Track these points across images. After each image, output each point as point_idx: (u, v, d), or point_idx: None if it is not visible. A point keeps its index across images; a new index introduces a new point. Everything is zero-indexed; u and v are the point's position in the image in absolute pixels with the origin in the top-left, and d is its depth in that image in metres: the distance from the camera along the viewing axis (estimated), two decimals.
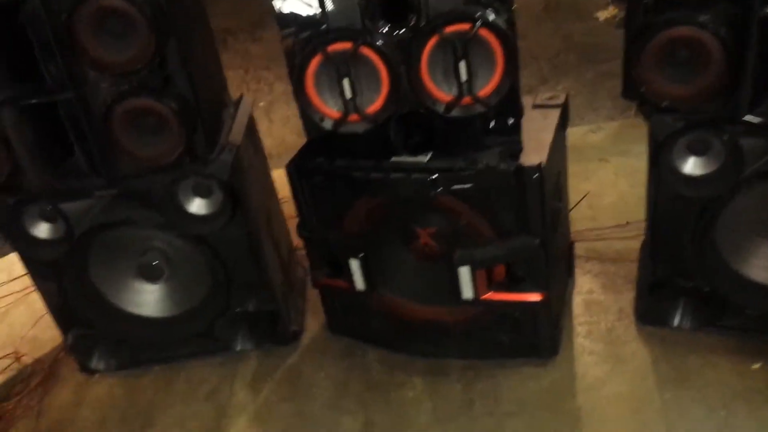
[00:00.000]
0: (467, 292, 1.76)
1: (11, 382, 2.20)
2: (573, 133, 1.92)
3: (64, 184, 1.77)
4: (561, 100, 1.82)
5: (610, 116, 3.16)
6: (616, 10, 3.93)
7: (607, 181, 2.59)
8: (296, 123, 3.58)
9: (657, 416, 1.68)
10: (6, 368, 2.25)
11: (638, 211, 2.23)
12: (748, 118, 1.45)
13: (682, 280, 1.79)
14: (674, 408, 1.69)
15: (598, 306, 2.03)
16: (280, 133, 3.61)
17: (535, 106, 1.80)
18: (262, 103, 4.00)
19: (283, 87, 4.16)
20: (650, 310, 1.90)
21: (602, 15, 4.03)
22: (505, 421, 1.74)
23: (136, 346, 2.12)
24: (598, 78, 3.56)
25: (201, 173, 1.75)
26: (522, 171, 1.57)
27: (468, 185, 1.60)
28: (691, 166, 1.58)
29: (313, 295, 2.22)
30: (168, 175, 1.75)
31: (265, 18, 5.15)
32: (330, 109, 1.64)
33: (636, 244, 2.05)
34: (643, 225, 1.83)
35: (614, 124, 3.04)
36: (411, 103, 1.61)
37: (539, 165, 1.56)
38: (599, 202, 2.47)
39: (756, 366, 1.75)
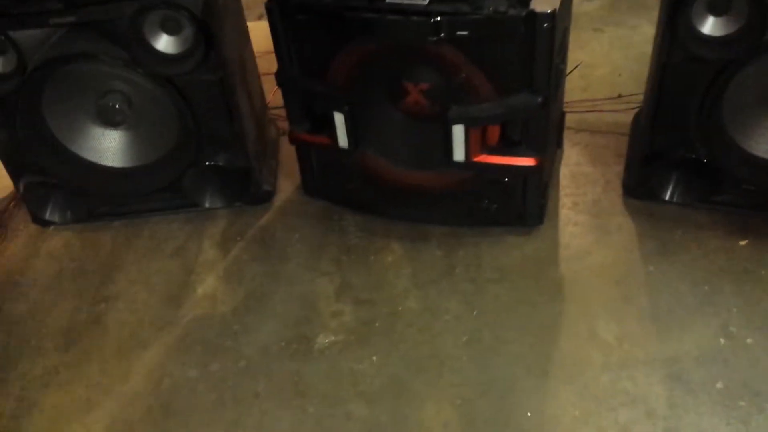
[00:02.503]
0: (459, 153, 1.66)
1: None
2: None
3: (16, 9, 1.57)
4: None
5: None
6: None
7: (601, 52, 2.49)
8: None
9: (640, 288, 1.66)
10: None
11: (631, 84, 2.18)
12: None
13: (681, 151, 1.71)
14: (658, 281, 1.67)
15: (585, 178, 1.97)
16: None
17: None
18: None
19: None
20: (640, 183, 1.84)
21: None
22: (486, 287, 1.70)
23: (94, 198, 1.98)
24: None
25: (171, 3, 1.56)
26: (533, 18, 1.43)
27: (472, 32, 1.46)
28: (710, 25, 1.47)
29: (286, 158, 2.10)
30: (133, 2, 1.56)
31: None
32: None
33: (627, 118, 1.99)
34: (634, 98, 1.73)
35: None
36: None
37: (552, 12, 1.42)
38: (591, 72, 2.37)
39: (743, 242, 1.73)
